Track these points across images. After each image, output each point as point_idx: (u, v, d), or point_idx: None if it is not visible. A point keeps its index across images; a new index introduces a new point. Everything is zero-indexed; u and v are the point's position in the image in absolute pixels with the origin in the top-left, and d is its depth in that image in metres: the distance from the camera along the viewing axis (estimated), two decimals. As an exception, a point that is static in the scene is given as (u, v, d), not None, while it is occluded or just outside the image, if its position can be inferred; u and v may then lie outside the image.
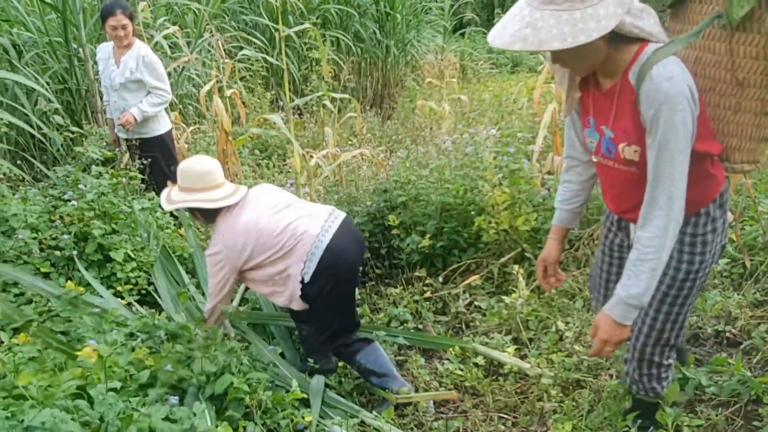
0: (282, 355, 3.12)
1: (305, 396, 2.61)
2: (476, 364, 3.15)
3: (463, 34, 14.04)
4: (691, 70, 1.98)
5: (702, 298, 3.40)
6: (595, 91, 1.98)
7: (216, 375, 2.41)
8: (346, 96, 5.47)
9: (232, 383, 2.36)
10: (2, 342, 2.70)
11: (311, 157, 4.74)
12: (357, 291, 3.68)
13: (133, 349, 2.52)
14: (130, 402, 2.02)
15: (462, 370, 3.13)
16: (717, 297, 3.36)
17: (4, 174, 4.36)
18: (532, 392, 2.93)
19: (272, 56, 8.76)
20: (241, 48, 7.85)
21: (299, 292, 2.77)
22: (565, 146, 2.34)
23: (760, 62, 1.86)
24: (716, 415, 2.62)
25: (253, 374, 2.48)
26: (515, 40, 1.65)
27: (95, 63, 5.58)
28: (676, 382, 2.49)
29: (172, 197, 2.92)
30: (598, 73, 1.93)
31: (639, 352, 2.22)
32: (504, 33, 1.69)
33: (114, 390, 2.11)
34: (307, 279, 2.74)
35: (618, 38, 1.75)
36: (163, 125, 4.68)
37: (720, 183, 2.02)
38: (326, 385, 2.96)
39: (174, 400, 2.23)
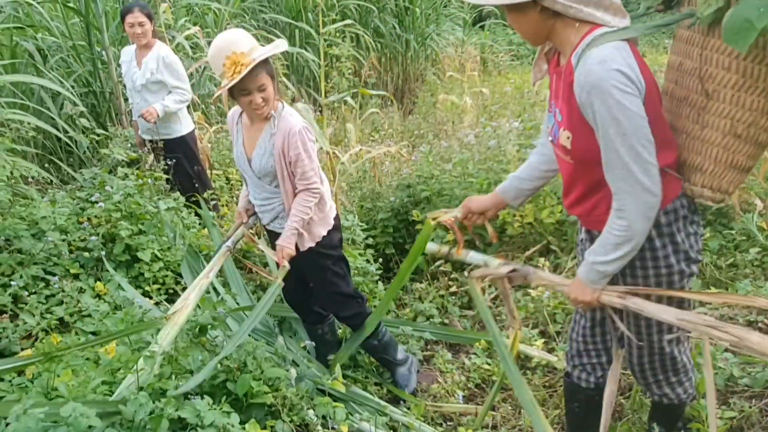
0: (305, 349, 3.14)
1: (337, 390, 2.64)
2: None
3: (483, 27, 13.95)
4: (674, 78, 1.89)
5: (733, 288, 3.35)
6: (558, 69, 1.89)
7: (232, 371, 2.41)
8: (384, 93, 5.47)
9: (251, 386, 2.35)
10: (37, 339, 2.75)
11: (336, 155, 4.75)
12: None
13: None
14: (159, 401, 2.04)
15: (489, 364, 3.12)
16: (748, 286, 3.30)
17: (33, 177, 4.42)
18: (560, 385, 2.91)
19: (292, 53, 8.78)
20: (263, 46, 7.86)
21: (332, 220, 2.89)
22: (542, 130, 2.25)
23: (732, 75, 1.68)
24: (750, 407, 2.59)
25: (270, 371, 2.47)
26: None
27: (119, 65, 5.64)
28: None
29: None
30: (560, 52, 1.87)
31: (637, 365, 2.13)
32: None
33: (141, 389, 2.13)
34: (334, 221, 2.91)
35: (557, 15, 1.73)
36: (184, 126, 4.70)
37: (667, 198, 1.81)
38: (354, 380, 2.97)
39: (196, 399, 2.23)
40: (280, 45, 2.65)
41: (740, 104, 1.70)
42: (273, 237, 2.97)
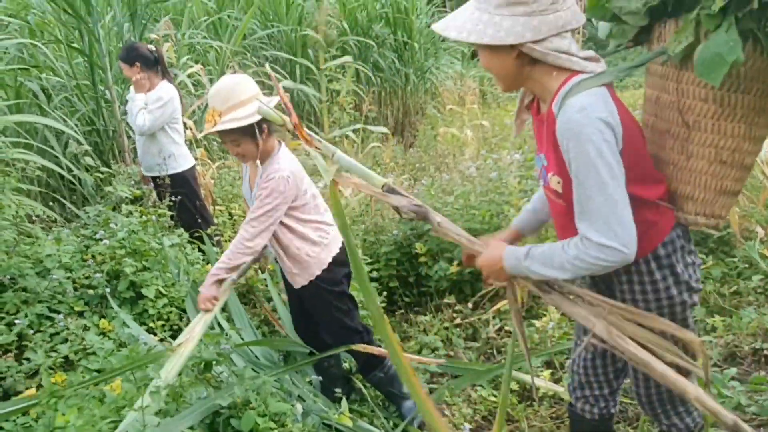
0: (311, 384, 3.13)
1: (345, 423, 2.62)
2: (510, 390, 3.12)
3: (481, 60, 14.12)
4: (653, 111, 1.91)
5: (737, 316, 3.35)
6: (539, 117, 1.90)
7: (236, 408, 2.40)
8: (385, 130, 5.52)
9: (256, 423, 2.34)
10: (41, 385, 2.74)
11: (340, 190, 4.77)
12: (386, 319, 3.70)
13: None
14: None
15: (495, 396, 3.11)
16: (753, 314, 3.30)
17: (38, 216, 4.45)
18: (567, 416, 2.89)
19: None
20: (263, 83, 7.93)
21: (330, 257, 2.86)
22: None
23: (710, 105, 1.72)
24: (759, 436, 2.57)
25: (275, 406, 2.45)
26: (438, 25, 1.78)
27: (122, 104, 5.71)
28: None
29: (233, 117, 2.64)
30: (539, 98, 1.88)
31: (644, 396, 2.09)
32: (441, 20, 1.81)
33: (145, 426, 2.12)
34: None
35: (534, 60, 1.73)
36: (182, 163, 4.72)
37: (663, 231, 1.85)
38: (360, 414, 2.95)
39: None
40: (247, 117, 2.62)
41: (722, 132, 1.74)
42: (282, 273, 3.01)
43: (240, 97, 2.65)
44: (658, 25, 1.85)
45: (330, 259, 2.88)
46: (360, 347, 2.85)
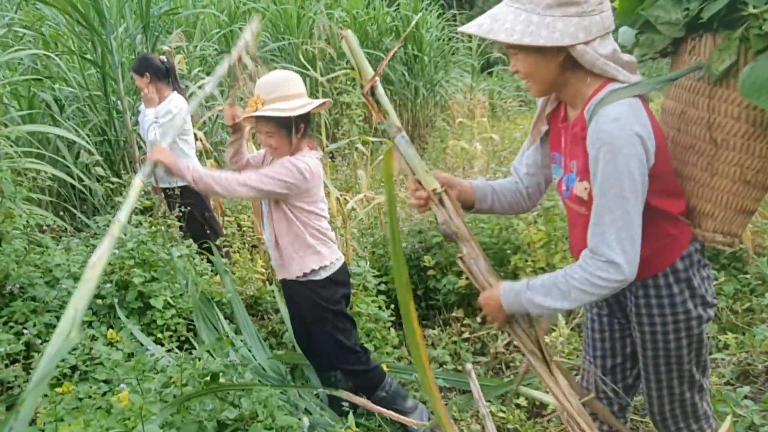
0: (318, 397, 3.11)
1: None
2: (518, 405, 3.09)
3: (491, 73, 14.15)
4: (676, 125, 1.88)
5: (750, 334, 3.31)
6: (564, 123, 1.87)
7: (243, 420, 2.39)
8: (382, 139, 5.51)
9: None
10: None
11: (346, 200, 4.77)
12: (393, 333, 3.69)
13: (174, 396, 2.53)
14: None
15: (504, 411, 3.08)
16: (766, 332, 3.26)
17: (48, 225, 4.46)
18: (577, 434, 2.86)
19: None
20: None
21: (331, 273, 2.84)
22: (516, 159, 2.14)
23: (741, 124, 1.70)
24: (772, 456, 2.53)
25: (282, 419, 2.44)
26: (473, 27, 1.71)
27: (133, 114, 5.74)
28: (729, 421, 2.41)
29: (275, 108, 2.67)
30: (567, 104, 1.85)
31: (658, 414, 2.06)
32: (472, 22, 1.74)
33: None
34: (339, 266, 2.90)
35: (575, 66, 1.69)
36: None
37: (682, 245, 1.84)
38: (367, 429, 2.93)
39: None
40: (286, 111, 2.66)
41: (750, 152, 1.72)
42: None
43: (286, 91, 2.70)
44: (693, 38, 1.82)
45: (327, 273, 2.86)
46: (346, 395, 2.89)
